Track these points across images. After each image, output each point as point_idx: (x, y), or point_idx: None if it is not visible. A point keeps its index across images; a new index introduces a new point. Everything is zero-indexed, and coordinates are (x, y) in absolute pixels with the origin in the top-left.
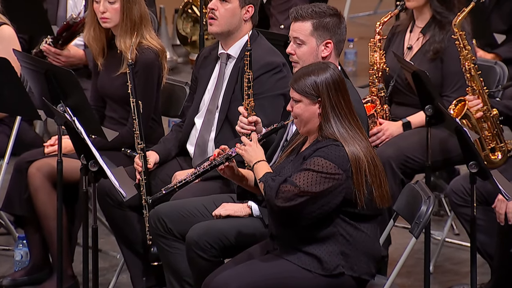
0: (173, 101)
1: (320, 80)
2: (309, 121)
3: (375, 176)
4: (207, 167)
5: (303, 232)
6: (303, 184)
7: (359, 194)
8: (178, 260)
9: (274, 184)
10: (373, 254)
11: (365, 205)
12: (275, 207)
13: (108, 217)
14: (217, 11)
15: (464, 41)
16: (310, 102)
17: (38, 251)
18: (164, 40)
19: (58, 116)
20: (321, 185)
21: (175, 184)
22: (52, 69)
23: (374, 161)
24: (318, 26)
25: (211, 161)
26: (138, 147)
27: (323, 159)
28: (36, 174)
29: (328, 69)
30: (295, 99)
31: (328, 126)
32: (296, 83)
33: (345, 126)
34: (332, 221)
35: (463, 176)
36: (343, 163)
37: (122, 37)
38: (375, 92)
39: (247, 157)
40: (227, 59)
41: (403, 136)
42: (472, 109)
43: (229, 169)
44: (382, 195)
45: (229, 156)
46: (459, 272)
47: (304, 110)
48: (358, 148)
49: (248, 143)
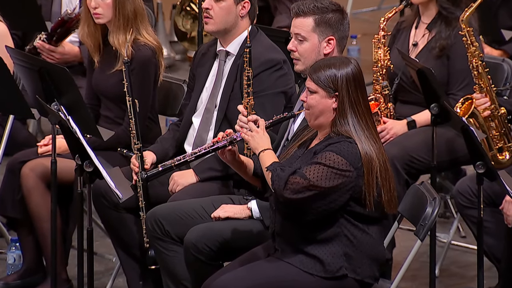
0: (171, 99)
1: (341, 74)
2: (322, 115)
3: (385, 180)
4: (209, 149)
5: (306, 232)
6: (313, 178)
7: (368, 196)
8: (176, 263)
9: (284, 174)
10: (377, 257)
11: (374, 207)
12: (282, 198)
13: (103, 219)
14: (211, 10)
15: (471, 37)
16: (326, 95)
17: (31, 254)
18: (161, 37)
19: (52, 115)
20: (331, 181)
21: (173, 162)
22: (46, 67)
23: (385, 165)
24: (320, 22)
25: (214, 142)
26: (134, 147)
27: (335, 154)
28: (30, 174)
29: (349, 64)
30: (310, 89)
31: (344, 122)
32: (315, 73)
33: (362, 125)
34: (336, 221)
35: (470, 176)
36: (355, 161)
37: (115, 33)
38: (379, 90)
39: (253, 144)
40: (226, 56)
41: (408, 135)
42: (479, 107)
43: (230, 154)
44: (391, 201)
45: (233, 139)
46: (465, 275)
47: (319, 102)
48: (371, 149)
49: (255, 130)
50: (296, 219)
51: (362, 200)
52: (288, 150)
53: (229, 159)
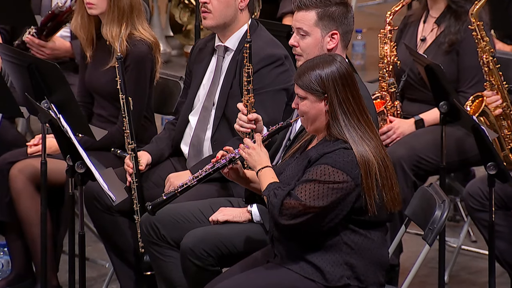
0: (167, 97)
1: (326, 74)
2: (316, 119)
3: (386, 178)
4: (210, 170)
5: (304, 239)
6: (308, 198)
7: (369, 200)
8: (172, 269)
9: (277, 201)
10: (381, 262)
11: (376, 211)
12: (280, 225)
13: (96, 222)
14: (209, 4)
15: (481, 32)
16: (316, 99)
17: (20, 260)
18: (157, 31)
19: (42, 113)
20: (328, 198)
21: (176, 189)
22: (35, 62)
23: (384, 162)
24: (323, 16)
25: (213, 163)
26: (128, 147)
27: (330, 166)
28: (18, 176)
29: (334, 62)
30: (300, 96)
31: (336, 124)
32: (300, 79)
33: (354, 125)
34: (335, 229)
35: (481, 178)
36: (352, 169)
37: (108, 26)
38: (385, 88)
39: (251, 161)
40: (225, 52)
41: (416, 135)
42: (490, 105)
43: (233, 172)
44: (394, 198)
45: (233, 158)
46: (476, 282)
47: (310, 108)
48: (367, 149)
49: (252, 146)
50: (300, 240)
51: (364, 207)
52: (289, 152)
53: (234, 177)
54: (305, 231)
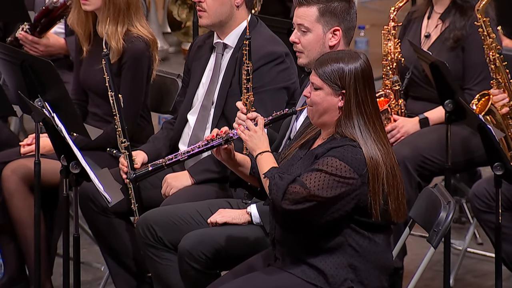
0: (164, 95)
1: (349, 70)
2: (326, 113)
3: (393, 187)
4: (203, 147)
5: (307, 241)
6: (314, 187)
7: (374, 204)
8: (169, 272)
9: (282, 183)
10: (385, 266)
11: (380, 216)
12: (280, 209)
13: (91, 224)
14: (204, 3)
15: (488, 28)
16: (331, 92)
17: (13, 263)
18: (154, 28)
19: (36, 112)
20: (333, 190)
21: (164, 161)
22: (29, 60)
23: (393, 171)
24: (325, 12)
25: (208, 140)
26: (121, 145)
27: (338, 160)
28: (11, 176)
29: (358, 59)
30: (315, 85)
31: (349, 123)
32: (321, 67)
33: (369, 127)
34: (340, 230)
35: (487, 179)
36: (360, 167)
37: (104, 23)
38: (389, 85)
39: (251, 144)
40: (224, 49)
41: (420, 134)
42: (497, 104)
43: (225, 152)
44: (398, 209)
45: (230, 138)
46: (482, 285)
47: (323, 100)
48: (378, 153)
49: (253, 129)
50: (296, 230)
51: (368, 209)
52: (289, 150)
53: (224, 157)
54: (303, 223)
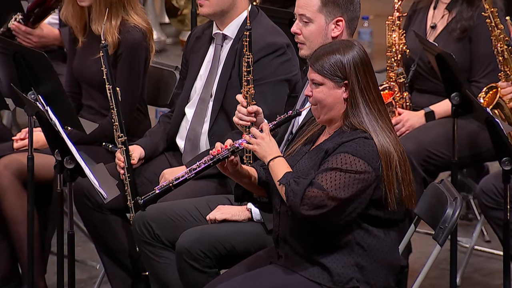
0: (161, 88)
1: (347, 60)
2: (333, 108)
3: (405, 173)
4: (209, 162)
5: (313, 238)
6: (331, 187)
7: (390, 193)
8: (166, 271)
9: (299, 188)
10: (393, 266)
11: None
12: (300, 215)
13: (86, 221)
14: None
15: (496, 19)
16: (334, 86)
17: (5, 261)
18: (151, 18)
19: (29, 105)
20: (350, 188)
21: (171, 182)
22: (22, 51)
23: (403, 156)
24: (328, 2)
25: (214, 155)
26: (118, 140)
27: (351, 155)
28: (4, 172)
29: (353, 47)
30: (316, 81)
31: (356, 113)
32: (318, 63)
33: (375, 113)
34: (348, 228)
35: (495, 174)
36: (373, 160)
37: (97, 20)
38: (393, 78)
39: (261, 152)
40: (223, 40)
41: (426, 128)
42: (505, 97)
43: (232, 164)
44: (411, 195)
45: (236, 149)
46: (490, 284)
47: (328, 95)
48: (388, 141)
49: (260, 136)
50: (315, 235)
51: (383, 201)
52: (293, 146)
53: (231, 171)
54: (321, 227)
